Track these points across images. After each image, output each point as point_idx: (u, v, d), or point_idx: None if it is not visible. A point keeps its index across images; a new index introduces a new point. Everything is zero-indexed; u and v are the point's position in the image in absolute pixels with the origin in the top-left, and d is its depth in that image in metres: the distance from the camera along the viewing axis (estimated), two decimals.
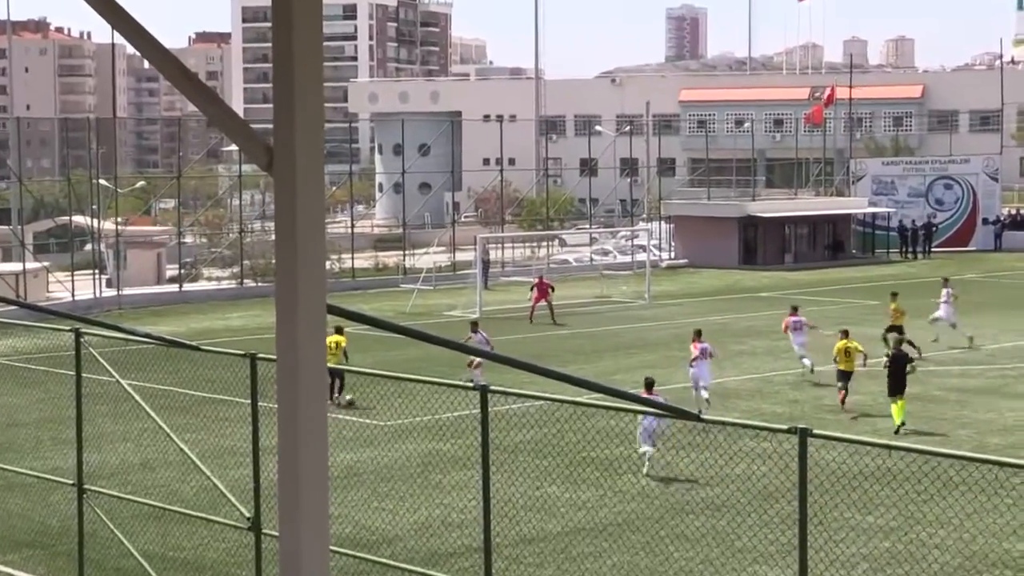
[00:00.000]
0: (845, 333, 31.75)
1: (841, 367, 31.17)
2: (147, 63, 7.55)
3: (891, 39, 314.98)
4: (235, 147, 7.32)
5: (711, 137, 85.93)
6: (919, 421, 29.43)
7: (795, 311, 36.46)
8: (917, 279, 62.87)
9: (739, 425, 13.96)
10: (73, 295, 53.89)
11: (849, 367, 31.10)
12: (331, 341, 32.94)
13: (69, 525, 19.05)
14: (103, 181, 62.00)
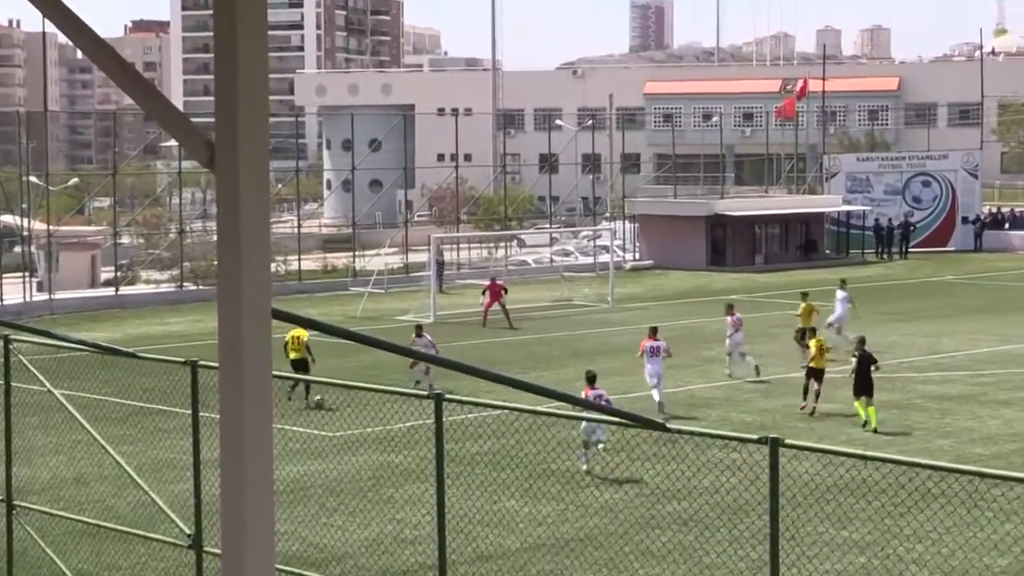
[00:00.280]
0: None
1: (813, 364, 31.55)
2: (80, 53, 7.53)
3: (866, 29, 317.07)
4: (174, 142, 7.27)
5: (677, 132, 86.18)
6: (898, 429, 29.70)
7: (731, 309, 37.91)
8: (894, 280, 63.27)
9: (707, 435, 14.04)
10: (1, 299, 53.63)
11: (820, 364, 31.46)
12: (293, 335, 32.92)
13: None
14: (34, 178, 61.72)
